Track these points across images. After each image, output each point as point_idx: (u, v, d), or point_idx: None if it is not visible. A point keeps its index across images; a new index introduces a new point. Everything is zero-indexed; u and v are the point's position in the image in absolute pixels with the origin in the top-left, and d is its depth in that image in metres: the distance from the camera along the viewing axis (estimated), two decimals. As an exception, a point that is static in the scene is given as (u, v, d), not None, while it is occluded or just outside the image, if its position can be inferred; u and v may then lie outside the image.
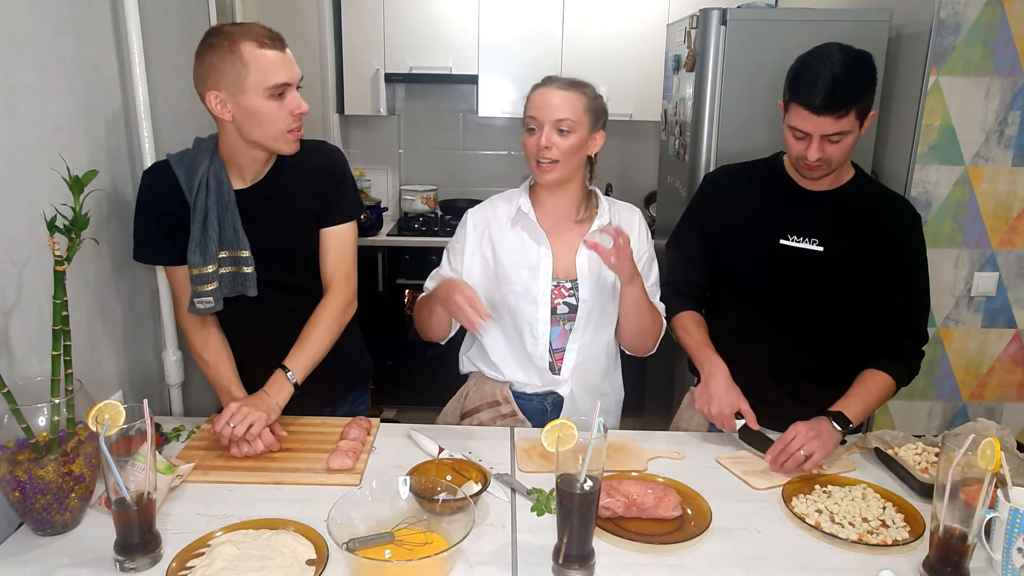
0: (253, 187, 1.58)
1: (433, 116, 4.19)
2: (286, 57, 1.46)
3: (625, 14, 3.66)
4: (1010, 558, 1.16)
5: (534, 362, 1.68)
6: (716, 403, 1.60)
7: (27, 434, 1.19)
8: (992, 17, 2.26)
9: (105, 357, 1.63)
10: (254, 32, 1.43)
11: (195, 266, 1.52)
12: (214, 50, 1.43)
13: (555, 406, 1.72)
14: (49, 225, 1.19)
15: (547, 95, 1.56)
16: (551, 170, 1.57)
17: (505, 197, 1.72)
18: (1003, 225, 2.43)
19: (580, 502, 1.12)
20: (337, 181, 1.65)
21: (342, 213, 1.66)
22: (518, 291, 1.64)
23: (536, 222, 1.65)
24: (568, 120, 1.54)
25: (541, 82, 1.60)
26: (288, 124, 1.47)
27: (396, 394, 3.75)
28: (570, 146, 1.55)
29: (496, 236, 1.68)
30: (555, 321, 1.66)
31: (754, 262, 1.69)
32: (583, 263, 1.66)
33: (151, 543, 1.17)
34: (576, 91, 1.57)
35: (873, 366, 1.64)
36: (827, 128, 1.49)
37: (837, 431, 1.53)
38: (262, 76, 1.42)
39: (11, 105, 1.30)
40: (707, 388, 1.63)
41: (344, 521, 1.16)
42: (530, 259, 1.65)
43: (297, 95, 1.48)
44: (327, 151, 1.68)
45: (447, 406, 1.82)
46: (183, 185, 1.53)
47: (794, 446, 1.49)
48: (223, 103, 1.45)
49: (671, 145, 2.95)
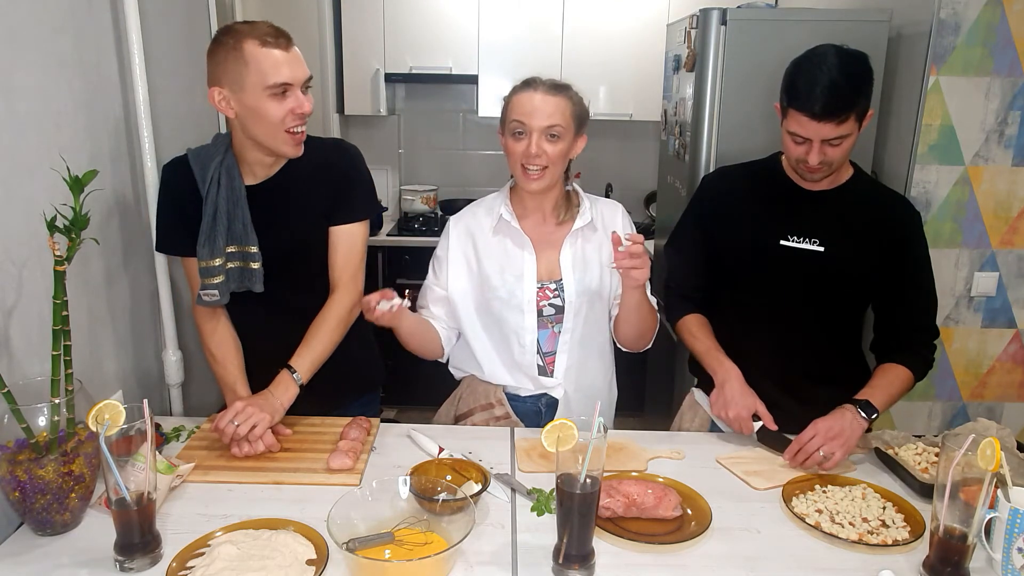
0: (264, 184, 1.58)
1: (433, 116, 4.19)
2: (290, 56, 1.46)
3: (625, 14, 3.65)
4: (1010, 558, 1.16)
5: (523, 369, 1.68)
6: (732, 407, 1.60)
7: (27, 434, 1.19)
8: (992, 17, 2.26)
9: (105, 357, 1.63)
10: (259, 30, 1.44)
11: (203, 259, 1.53)
12: (219, 47, 1.45)
13: (549, 407, 1.71)
14: (49, 225, 1.19)
15: (535, 100, 1.53)
16: (540, 177, 1.55)
17: (485, 205, 1.71)
18: (1003, 225, 2.43)
19: (580, 502, 1.12)
20: (349, 179, 1.64)
21: (352, 212, 1.64)
22: (503, 297, 1.63)
23: (519, 228, 1.64)
24: (558, 126, 1.52)
25: (523, 84, 1.57)
26: (288, 124, 1.47)
27: (396, 394, 3.74)
28: (558, 152, 1.54)
29: (480, 244, 1.67)
30: (543, 324, 1.66)
31: (755, 263, 1.69)
32: (567, 263, 1.65)
33: (151, 543, 1.17)
34: (563, 96, 1.55)
35: (890, 360, 1.64)
36: (828, 134, 1.48)
37: (862, 420, 1.52)
38: (262, 75, 1.43)
39: (11, 105, 1.30)
40: (722, 393, 1.63)
41: (344, 521, 1.16)
42: (514, 265, 1.64)
43: (300, 95, 1.48)
44: (342, 149, 1.67)
45: (440, 409, 1.82)
46: (197, 179, 1.55)
47: (812, 446, 1.48)
48: (226, 100, 1.46)
49: (671, 145, 2.95)
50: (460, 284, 1.67)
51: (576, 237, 1.66)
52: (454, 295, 1.68)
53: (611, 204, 1.73)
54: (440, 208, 4.08)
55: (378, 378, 1.90)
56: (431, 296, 1.72)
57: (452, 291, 1.68)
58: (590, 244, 1.67)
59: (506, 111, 1.58)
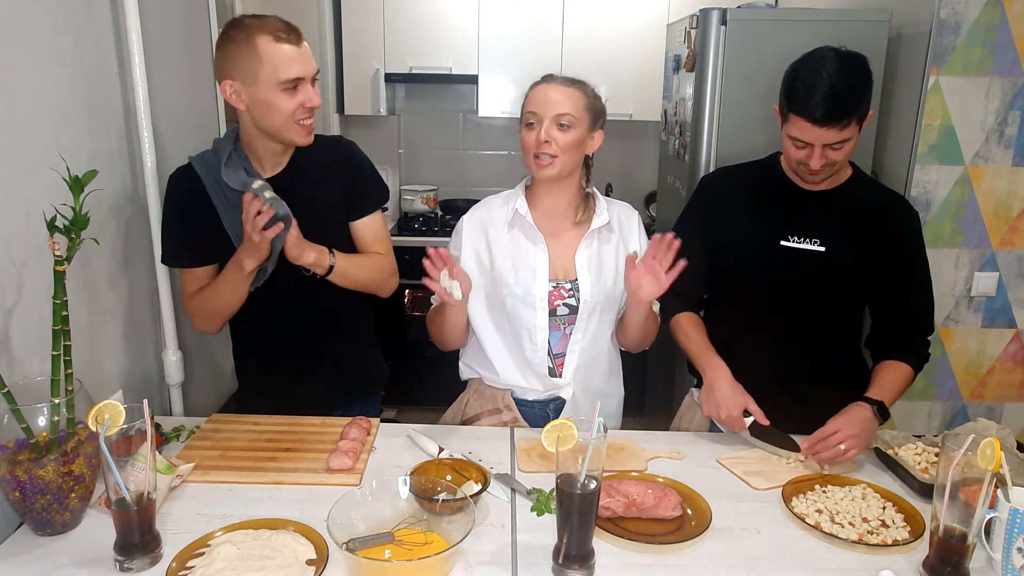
0: (273, 178, 1.60)
1: (433, 116, 4.19)
2: (301, 51, 1.49)
3: (625, 14, 3.66)
4: (1010, 558, 1.16)
5: (533, 368, 1.67)
6: (723, 407, 1.60)
7: (27, 434, 1.19)
8: (992, 17, 2.26)
9: (105, 357, 1.63)
10: (271, 25, 1.46)
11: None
12: (231, 41, 1.46)
13: (557, 412, 1.70)
14: (49, 225, 1.19)
15: (547, 91, 1.55)
16: (549, 164, 1.55)
17: (501, 198, 1.71)
18: (1003, 225, 2.43)
19: (580, 502, 1.12)
20: (358, 174, 1.72)
21: (370, 203, 1.73)
22: (516, 293, 1.63)
23: (533, 223, 1.64)
24: (568, 115, 1.53)
25: (541, 80, 1.60)
26: (298, 116, 1.51)
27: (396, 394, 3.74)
28: (569, 141, 1.54)
29: (493, 239, 1.67)
30: (555, 325, 1.65)
31: (755, 264, 1.69)
32: (583, 263, 1.64)
33: (151, 543, 1.17)
34: (577, 88, 1.57)
35: (890, 357, 1.65)
36: (830, 138, 1.48)
37: (878, 422, 1.53)
38: (275, 70, 1.45)
39: (11, 105, 1.30)
40: (712, 393, 1.63)
41: (344, 521, 1.16)
42: (527, 261, 1.64)
43: (310, 89, 1.51)
44: (344, 145, 1.74)
45: (446, 413, 1.82)
46: (205, 182, 1.56)
47: (835, 440, 1.48)
48: (237, 93, 1.49)
49: (671, 145, 2.95)
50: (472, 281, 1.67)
51: (592, 239, 1.65)
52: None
53: (628, 208, 1.74)
54: (440, 208, 4.08)
55: (382, 379, 1.92)
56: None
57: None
58: (607, 246, 1.66)
59: (523, 107, 1.60)
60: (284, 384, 1.74)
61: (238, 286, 1.57)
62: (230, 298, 1.60)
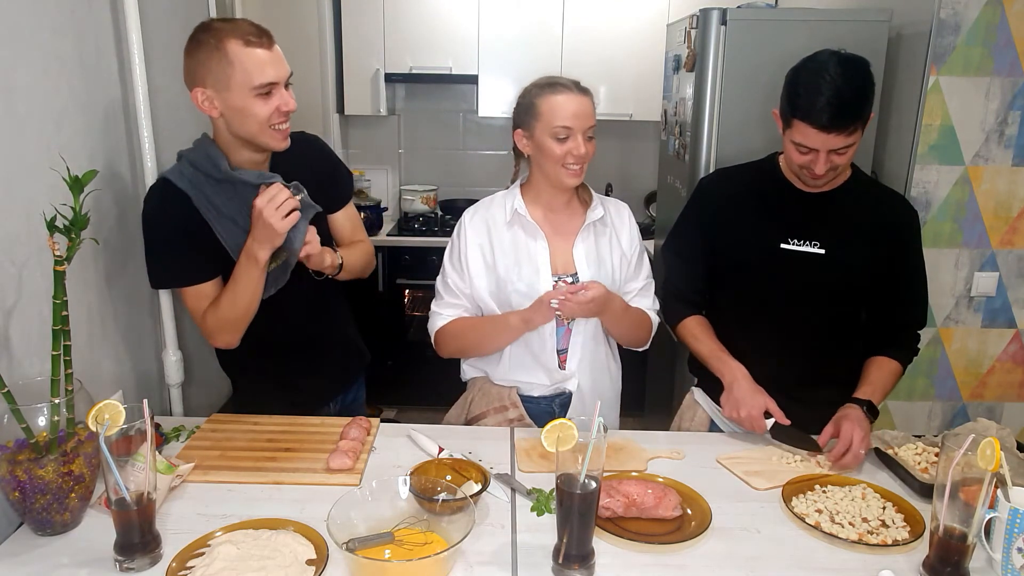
0: None
1: (433, 116, 4.19)
2: (273, 55, 1.45)
3: (625, 14, 3.65)
4: (1010, 558, 1.16)
5: (541, 363, 1.68)
6: (744, 407, 1.60)
7: (27, 434, 1.20)
8: (992, 17, 2.26)
9: (105, 357, 1.63)
10: (241, 30, 1.42)
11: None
12: (201, 46, 1.43)
13: (563, 407, 1.72)
14: (49, 225, 1.19)
15: (576, 103, 1.58)
16: (580, 174, 1.63)
17: (498, 200, 1.73)
18: (1003, 225, 2.43)
19: (580, 502, 1.12)
20: (332, 168, 1.75)
21: (345, 193, 1.79)
22: (521, 290, 1.64)
23: (532, 220, 1.67)
24: (594, 126, 1.61)
25: (556, 86, 1.60)
26: (273, 121, 1.47)
27: (396, 394, 3.75)
28: (593, 150, 1.62)
29: (495, 238, 1.68)
30: (558, 319, 1.66)
31: (755, 267, 1.69)
32: (581, 256, 1.67)
33: (151, 543, 1.17)
34: (590, 97, 1.63)
35: (880, 353, 1.66)
36: (836, 144, 1.48)
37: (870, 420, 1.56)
38: (248, 75, 1.42)
39: (11, 105, 1.30)
40: (731, 394, 1.63)
41: (344, 521, 1.16)
42: (529, 257, 1.66)
43: (285, 93, 1.47)
44: (313, 141, 1.74)
45: (450, 412, 1.82)
46: (191, 196, 1.52)
47: (858, 446, 1.48)
48: (210, 100, 1.45)
49: (671, 145, 2.95)
50: (480, 280, 1.69)
51: (589, 232, 1.69)
52: (476, 289, 1.69)
53: (617, 203, 1.79)
54: (440, 208, 4.08)
55: (366, 357, 1.96)
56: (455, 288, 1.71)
57: (475, 285, 1.69)
58: (603, 239, 1.71)
59: (540, 113, 1.59)
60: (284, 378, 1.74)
61: (256, 282, 1.51)
62: (251, 298, 1.53)
